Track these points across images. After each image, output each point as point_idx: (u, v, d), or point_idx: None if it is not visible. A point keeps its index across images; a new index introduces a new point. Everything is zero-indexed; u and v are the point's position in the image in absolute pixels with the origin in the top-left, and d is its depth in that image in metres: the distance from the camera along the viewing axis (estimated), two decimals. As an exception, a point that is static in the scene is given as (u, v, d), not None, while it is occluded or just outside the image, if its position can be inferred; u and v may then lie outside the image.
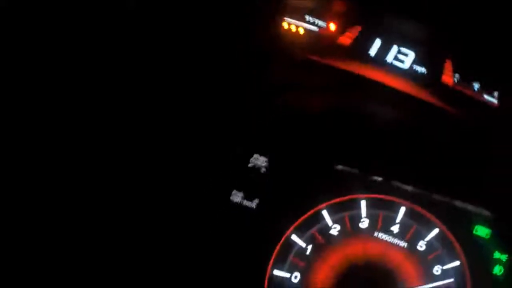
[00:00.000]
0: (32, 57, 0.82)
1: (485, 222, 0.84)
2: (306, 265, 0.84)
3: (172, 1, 0.89)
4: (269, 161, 0.86)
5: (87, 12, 0.84)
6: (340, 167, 0.86)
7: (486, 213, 0.84)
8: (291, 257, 0.84)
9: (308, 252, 0.84)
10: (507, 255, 0.83)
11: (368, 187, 0.86)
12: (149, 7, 0.87)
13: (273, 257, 0.84)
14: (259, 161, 0.86)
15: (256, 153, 0.86)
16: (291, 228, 0.84)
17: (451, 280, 0.82)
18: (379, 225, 0.85)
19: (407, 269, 0.83)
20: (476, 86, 0.92)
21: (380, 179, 0.86)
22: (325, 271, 0.83)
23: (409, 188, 0.85)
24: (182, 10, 0.88)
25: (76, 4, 0.84)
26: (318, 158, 0.86)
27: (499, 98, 0.91)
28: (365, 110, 0.92)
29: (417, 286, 0.82)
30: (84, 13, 0.84)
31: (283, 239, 0.84)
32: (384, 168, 0.86)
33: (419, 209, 0.85)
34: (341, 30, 0.94)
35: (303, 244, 0.84)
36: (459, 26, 0.90)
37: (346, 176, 0.87)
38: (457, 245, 0.83)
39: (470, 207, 0.84)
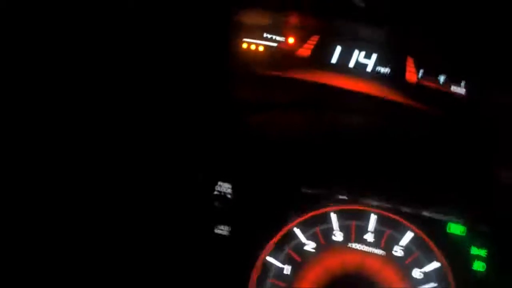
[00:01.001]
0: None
1: (458, 220, 0.83)
2: (287, 285, 0.83)
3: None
4: (234, 187, 0.86)
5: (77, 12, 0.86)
6: (306, 190, 0.86)
7: (458, 212, 0.83)
8: (270, 279, 0.84)
9: (286, 272, 0.84)
10: (485, 250, 0.82)
11: (337, 200, 0.86)
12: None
13: (251, 281, 0.83)
14: (224, 187, 0.87)
15: (220, 180, 0.87)
16: (267, 250, 0.84)
17: (433, 283, 0.81)
18: (353, 235, 0.84)
19: (387, 276, 0.83)
20: (442, 78, 0.92)
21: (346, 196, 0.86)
22: (306, 289, 0.83)
23: (378, 196, 0.85)
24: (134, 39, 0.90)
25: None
26: (283, 180, 0.86)
27: (466, 88, 0.91)
28: (332, 121, 0.92)
29: (400, 293, 0.81)
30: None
31: (260, 262, 0.84)
32: (351, 181, 0.86)
33: (390, 215, 0.84)
34: (300, 42, 0.95)
35: (281, 265, 0.84)
36: (416, 23, 0.89)
37: (314, 193, 0.87)
38: (433, 246, 0.83)
39: (441, 208, 0.83)
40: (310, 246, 0.84)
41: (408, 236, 0.83)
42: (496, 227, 0.81)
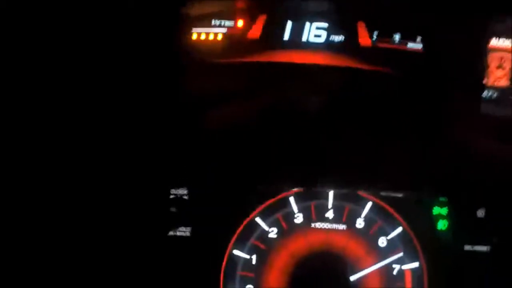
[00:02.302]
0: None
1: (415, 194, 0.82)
2: (256, 274, 0.83)
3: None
4: (189, 189, 0.85)
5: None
6: (262, 186, 0.85)
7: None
8: (239, 271, 0.83)
9: (254, 262, 0.83)
10: (446, 207, 0.81)
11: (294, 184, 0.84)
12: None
13: (221, 277, 0.83)
14: (179, 191, 0.85)
15: (175, 185, 0.85)
16: (231, 244, 0.84)
17: (399, 248, 0.81)
18: (314, 215, 0.83)
19: (354, 249, 0.83)
20: (397, 37, 0.89)
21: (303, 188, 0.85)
22: (275, 275, 0.83)
23: (332, 176, 0.83)
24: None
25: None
26: (239, 177, 0.84)
27: (423, 42, 0.88)
28: (287, 106, 0.88)
29: (369, 266, 0.81)
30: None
31: (226, 256, 0.83)
32: (307, 173, 0.84)
33: (347, 190, 0.83)
34: (249, 24, 0.91)
35: (247, 256, 0.83)
36: None
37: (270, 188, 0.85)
38: (394, 213, 0.82)
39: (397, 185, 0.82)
40: (273, 232, 0.84)
41: (368, 206, 0.82)
42: (452, 193, 0.80)
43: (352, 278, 0.81)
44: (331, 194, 0.83)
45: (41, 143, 0.82)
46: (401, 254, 0.82)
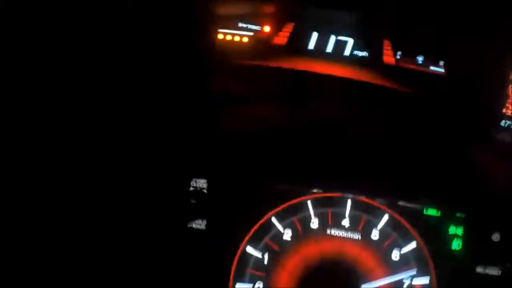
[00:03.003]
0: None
1: (433, 207, 0.82)
2: (266, 274, 0.84)
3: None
4: (209, 182, 0.85)
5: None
6: (281, 186, 0.85)
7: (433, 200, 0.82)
8: (249, 269, 0.84)
9: (265, 262, 0.84)
10: (462, 227, 0.82)
11: (312, 188, 0.85)
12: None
13: (232, 272, 0.84)
14: (199, 183, 0.85)
15: (195, 176, 0.85)
16: (245, 241, 0.84)
17: (412, 263, 0.82)
18: (330, 222, 0.84)
19: (366, 260, 0.83)
20: (420, 59, 0.90)
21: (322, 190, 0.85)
22: (285, 277, 0.83)
23: (352, 181, 0.83)
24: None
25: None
26: (259, 175, 0.84)
27: (445, 67, 0.89)
28: (309, 112, 0.89)
29: (380, 278, 0.82)
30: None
31: (239, 252, 0.84)
32: (327, 176, 0.84)
33: (365, 199, 0.83)
34: (276, 30, 0.93)
35: (259, 254, 0.84)
36: (389, 5, 0.88)
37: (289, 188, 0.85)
38: (409, 227, 0.82)
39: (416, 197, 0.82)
40: (287, 235, 0.84)
41: (385, 218, 0.83)
42: (470, 210, 0.81)
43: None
44: (349, 202, 0.83)
45: (64, 136, 0.83)
46: (413, 269, 0.82)
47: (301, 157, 0.83)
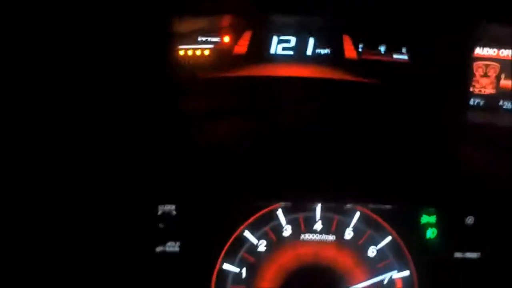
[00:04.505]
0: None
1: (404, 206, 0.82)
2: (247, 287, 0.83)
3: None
4: (177, 206, 0.84)
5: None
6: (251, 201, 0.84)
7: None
8: (229, 284, 0.83)
9: (244, 276, 0.83)
10: (435, 216, 0.81)
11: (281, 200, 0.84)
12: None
13: (212, 290, 0.83)
14: (167, 206, 0.85)
15: (163, 202, 0.84)
16: (221, 257, 0.83)
17: (389, 257, 0.81)
18: (302, 227, 0.83)
19: (343, 259, 0.83)
20: (382, 49, 0.89)
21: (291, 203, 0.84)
22: (265, 288, 0.83)
23: (320, 189, 0.82)
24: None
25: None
26: (227, 192, 0.83)
27: (409, 54, 0.89)
28: (277, 117, 0.88)
29: (359, 276, 0.82)
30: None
31: (216, 270, 0.83)
32: (297, 188, 0.83)
33: (335, 201, 0.82)
34: (235, 40, 0.92)
35: (237, 269, 0.83)
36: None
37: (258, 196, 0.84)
38: (382, 222, 0.82)
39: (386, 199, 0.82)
40: (262, 246, 0.83)
41: (356, 217, 0.82)
42: (440, 201, 0.80)
43: (343, 289, 0.81)
44: (319, 205, 0.82)
45: (28, 158, 0.81)
46: (391, 263, 0.81)
47: (267, 169, 0.82)
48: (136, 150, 0.84)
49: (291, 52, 0.92)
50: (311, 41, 0.91)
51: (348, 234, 0.82)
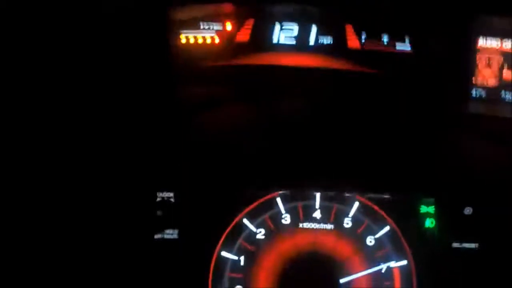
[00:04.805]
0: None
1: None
2: (244, 275, 0.83)
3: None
4: (176, 193, 0.84)
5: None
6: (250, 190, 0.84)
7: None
8: (227, 273, 0.83)
9: (242, 263, 0.83)
10: (433, 206, 0.81)
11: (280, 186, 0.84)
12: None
13: (210, 278, 0.83)
14: (166, 194, 0.84)
15: (161, 189, 0.84)
16: (219, 245, 0.83)
17: (387, 247, 0.81)
18: (301, 216, 0.83)
19: (342, 248, 0.83)
20: (385, 39, 0.89)
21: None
22: (263, 276, 0.82)
23: (319, 178, 0.83)
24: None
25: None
26: (226, 181, 0.83)
27: (411, 44, 0.88)
28: (276, 109, 0.88)
29: (357, 264, 0.82)
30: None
31: (214, 257, 0.83)
32: (294, 177, 0.83)
33: (334, 190, 0.82)
34: (238, 27, 0.91)
35: (235, 257, 0.83)
36: None
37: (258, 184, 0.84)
38: (381, 211, 0.82)
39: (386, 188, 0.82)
40: (261, 234, 0.83)
41: (355, 206, 0.82)
42: (439, 190, 0.80)
43: (341, 278, 0.80)
44: (318, 194, 0.82)
45: (28, 146, 0.81)
46: (389, 253, 0.81)
47: (267, 157, 0.82)
48: (136, 138, 0.84)
49: (293, 41, 0.91)
50: (314, 30, 0.90)
51: (347, 223, 0.82)
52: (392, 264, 0.81)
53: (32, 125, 0.81)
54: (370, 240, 0.82)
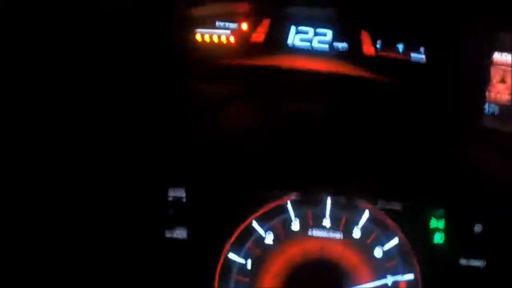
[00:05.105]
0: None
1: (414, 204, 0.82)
2: (250, 279, 0.83)
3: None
4: (187, 191, 0.85)
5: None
6: (261, 190, 0.84)
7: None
8: (234, 275, 0.84)
9: (249, 267, 0.84)
10: (443, 221, 0.81)
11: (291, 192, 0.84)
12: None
13: (216, 280, 0.83)
14: (178, 192, 0.85)
15: (172, 185, 0.85)
16: (227, 247, 0.84)
17: (395, 259, 0.82)
18: (310, 223, 0.83)
19: (349, 259, 0.83)
20: (400, 47, 0.90)
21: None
22: (269, 281, 0.83)
23: (331, 183, 0.83)
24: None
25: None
26: (238, 180, 0.83)
27: (426, 53, 0.88)
28: (288, 111, 0.88)
29: (364, 276, 0.82)
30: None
31: (221, 259, 0.84)
32: (306, 179, 0.84)
33: (345, 198, 0.83)
34: (253, 27, 0.92)
35: (243, 260, 0.83)
36: None
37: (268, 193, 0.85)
38: (391, 223, 0.82)
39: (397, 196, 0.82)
40: (269, 238, 0.83)
41: (365, 216, 0.82)
42: (450, 204, 0.80)
43: (347, 288, 0.81)
44: (328, 202, 0.83)
45: (40, 142, 0.82)
46: (396, 266, 0.81)
47: (279, 160, 0.83)
48: (148, 136, 0.85)
49: (308, 44, 0.91)
50: (329, 34, 0.91)
51: (356, 232, 0.82)
52: (399, 277, 0.81)
53: (44, 125, 0.82)
54: (378, 252, 0.82)
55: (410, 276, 0.81)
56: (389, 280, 0.81)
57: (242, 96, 0.88)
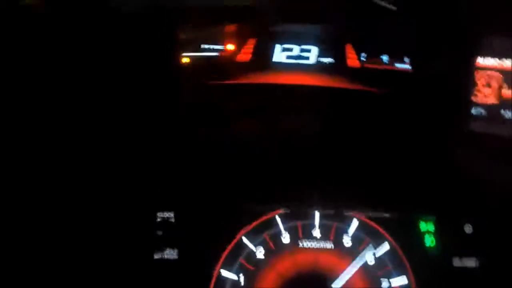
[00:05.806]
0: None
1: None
2: (244, 296, 0.83)
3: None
4: (176, 213, 0.84)
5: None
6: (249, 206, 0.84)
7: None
8: (228, 292, 0.83)
9: (242, 283, 0.83)
10: (433, 224, 0.81)
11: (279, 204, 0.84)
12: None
13: (210, 298, 0.83)
14: (166, 213, 0.85)
15: (161, 209, 0.84)
16: (219, 265, 0.83)
17: (388, 265, 0.81)
18: (300, 235, 0.83)
19: (342, 267, 0.82)
20: (385, 58, 0.90)
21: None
22: (264, 296, 0.83)
23: (319, 196, 0.83)
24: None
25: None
26: (225, 198, 0.83)
27: (411, 63, 0.90)
28: (276, 127, 0.89)
29: (358, 284, 0.81)
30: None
31: (214, 277, 0.83)
32: (293, 195, 0.84)
33: (333, 209, 0.82)
34: (239, 47, 0.93)
35: (235, 277, 0.83)
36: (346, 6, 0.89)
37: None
38: (381, 230, 0.82)
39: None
40: (260, 253, 0.83)
41: (354, 224, 0.82)
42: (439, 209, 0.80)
43: (341, 297, 0.80)
44: (317, 213, 0.82)
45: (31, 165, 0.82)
46: (389, 271, 0.81)
47: (266, 175, 0.83)
48: (135, 157, 0.85)
49: (294, 61, 0.92)
50: (314, 49, 0.92)
51: (347, 242, 0.82)
52: (393, 283, 0.81)
53: (37, 148, 0.82)
54: (370, 259, 0.81)
55: (404, 281, 0.81)
56: (383, 286, 0.80)
57: (227, 115, 0.88)
